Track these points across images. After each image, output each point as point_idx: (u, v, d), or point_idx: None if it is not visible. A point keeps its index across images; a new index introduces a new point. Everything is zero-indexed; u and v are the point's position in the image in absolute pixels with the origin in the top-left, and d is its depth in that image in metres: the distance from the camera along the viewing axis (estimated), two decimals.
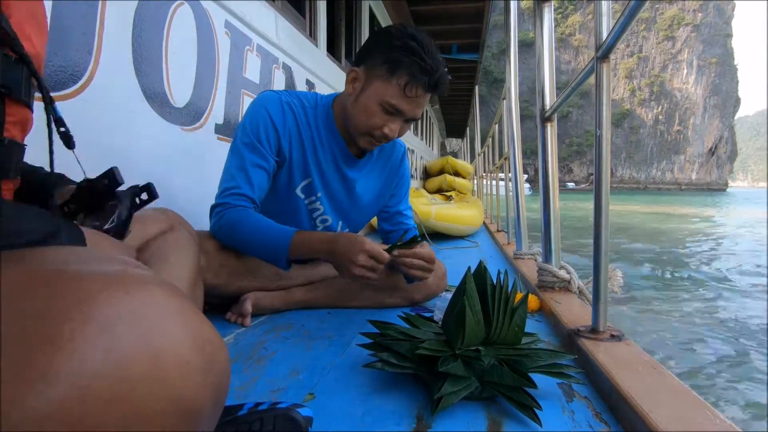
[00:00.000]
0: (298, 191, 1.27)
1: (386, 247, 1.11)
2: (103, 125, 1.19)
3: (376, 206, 1.42)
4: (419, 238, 1.15)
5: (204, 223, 1.25)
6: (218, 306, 1.28)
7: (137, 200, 0.61)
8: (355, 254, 1.04)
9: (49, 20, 0.59)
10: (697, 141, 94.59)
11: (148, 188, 0.62)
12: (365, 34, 4.31)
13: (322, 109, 1.24)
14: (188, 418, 0.34)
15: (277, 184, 1.25)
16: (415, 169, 7.74)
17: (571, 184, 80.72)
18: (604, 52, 0.94)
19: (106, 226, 0.57)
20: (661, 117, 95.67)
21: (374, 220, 3.70)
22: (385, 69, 1.08)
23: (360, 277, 1.06)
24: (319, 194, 1.28)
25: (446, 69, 1.10)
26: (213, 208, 1.18)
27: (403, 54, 1.06)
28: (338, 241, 1.08)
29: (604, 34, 0.95)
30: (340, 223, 1.38)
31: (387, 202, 1.43)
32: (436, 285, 1.39)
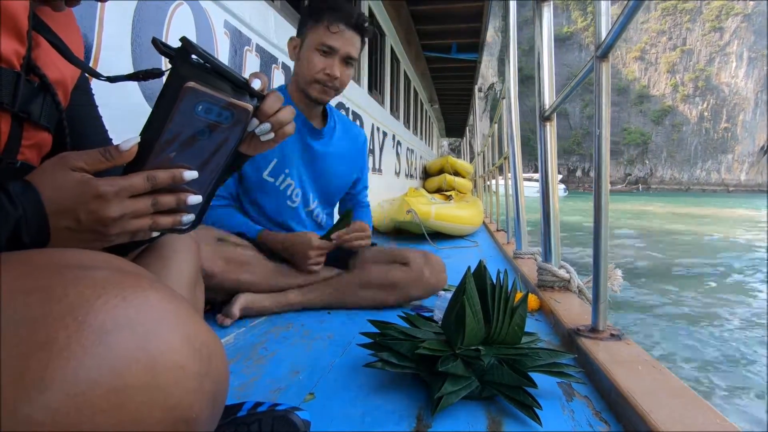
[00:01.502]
0: (266, 176, 1.37)
1: (324, 235, 1.34)
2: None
3: (344, 182, 1.54)
4: (349, 215, 1.32)
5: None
6: (221, 304, 1.28)
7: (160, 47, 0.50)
8: (308, 251, 1.31)
9: (82, 37, 0.60)
10: (747, 139, 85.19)
11: (186, 41, 0.49)
12: None
13: (279, 91, 1.40)
14: (184, 425, 0.34)
15: (246, 175, 1.37)
16: (415, 168, 7.74)
17: None
18: (603, 52, 0.94)
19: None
20: (706, 114, 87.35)
21: (374, 219, 3.65)
22: (311, 22, 1.28)
23: (312, 268, 1.33)
24: (287, 170, 1.39)
25: (366, 16, 1.30)
26: None
27: (321, 4, 1.27)
28: (293, 242, 1.32)
29: (603, 34, 0.95)
30: (311, 194, 1.46)
31: (351, 188, 1.59)
32: (436, 280, 1.39)
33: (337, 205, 1.63)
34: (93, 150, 0.44)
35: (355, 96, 3.73)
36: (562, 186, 43.28)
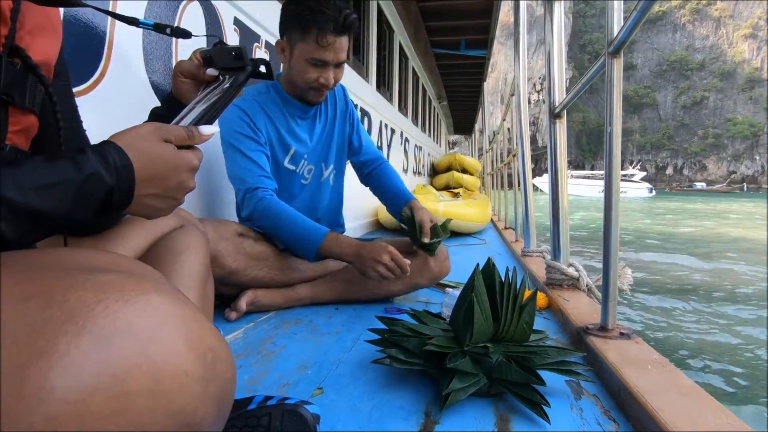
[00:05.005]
0: (287, 164, 1.39)
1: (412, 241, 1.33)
2: (114, 122, 1.20)
3: (344, 143, 1.54)
4: (412, 219, 1.34)
5: (214, 217, 1.25)
6: (230, 298, 1.29)
7: (257, 70, 0.63)
8: (380, 254, 1.21)
9: (61, 16, 0.59)
10: None
11: (268, 64, 0.63)
12: (374, 29, 4.30)
13: (272, 86, 1.41)
14: (189, 429, 0.33)
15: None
16: (423, 165, 7.72)
17: (700, 184, 58.44)
18: (615, 48, 0.93)
19: (226, 84, 0.60)
20: None
21: (382, 216, 3.65)
22: (299, 32, 1.23)
23: (382, 275, 1.22)
24: (305, 156, 1.43)
25: (349, 10, 1.23)
26: (245, 193, 1.27)
27: (307, 13, 1.20)
28: (364, 245, 1.24)
29: (615, 30, 0.94)
30: (323, 164, 1.48)
31: (351, 140, 1.58)
32: (439, 269, 1.42)
33: (363, 173, 1.61)
34: (179, 127, 0.49)
35: (363, 93, 3.72)
36: (647, 185, 35.31)
